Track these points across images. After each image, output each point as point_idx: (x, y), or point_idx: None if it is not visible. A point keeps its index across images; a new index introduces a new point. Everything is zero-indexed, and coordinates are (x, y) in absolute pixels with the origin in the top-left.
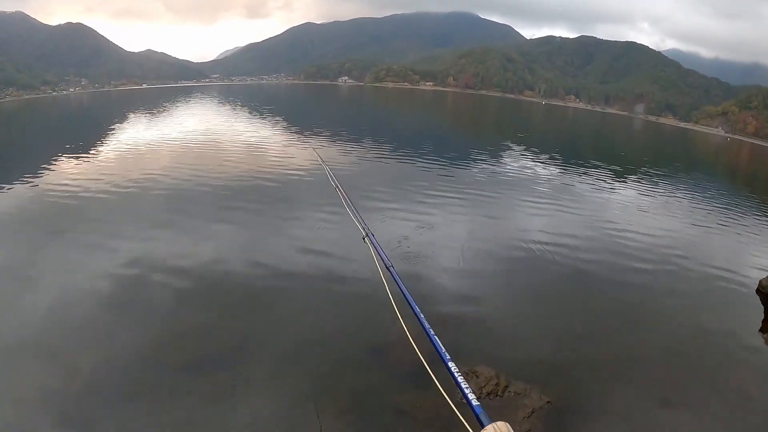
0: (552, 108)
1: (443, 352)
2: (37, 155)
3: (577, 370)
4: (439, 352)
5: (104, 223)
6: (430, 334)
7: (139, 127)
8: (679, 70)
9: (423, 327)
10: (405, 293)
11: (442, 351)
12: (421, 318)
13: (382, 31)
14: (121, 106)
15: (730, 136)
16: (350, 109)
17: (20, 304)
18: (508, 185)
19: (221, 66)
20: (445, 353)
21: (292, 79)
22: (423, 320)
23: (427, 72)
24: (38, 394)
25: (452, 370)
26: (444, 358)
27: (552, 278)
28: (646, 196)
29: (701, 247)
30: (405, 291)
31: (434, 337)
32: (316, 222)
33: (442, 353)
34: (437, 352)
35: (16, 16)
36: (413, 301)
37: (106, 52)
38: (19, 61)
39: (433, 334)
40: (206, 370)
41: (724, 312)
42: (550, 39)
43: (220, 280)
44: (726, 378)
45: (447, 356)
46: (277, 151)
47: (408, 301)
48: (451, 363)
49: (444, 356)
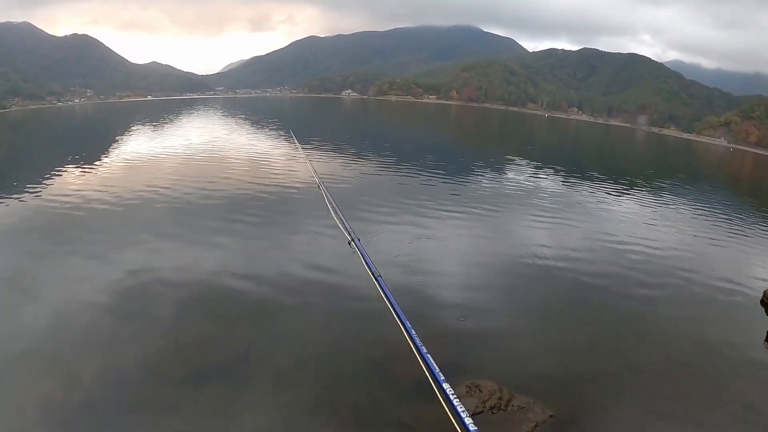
0: (555, 120)
1: (437, 372)
2: (42, 165)
3: (580, 383)
4: (432, 371)
5: (107, 233)
6: (423, 353)
7: (143, 139)
8: (681, 81)
9: (414, 344)
10: (393, 305)
11: (436, 371)
12: (412, 334)
13: (386, 44)
14: (125, 117)
15: (732, 146)
16: (353, 123)
17: (23, 313)
18: (511, 198)
19: (226, 79)
20: (439, 373)
21: (295, 92)
22: (414, 336)
23: (431, 85)
24: (40, 403)
25: (448, 392)
26: (438, 378)
27: (555, 291)
28: (649, 207)
29: (705, 259)
30: (394, 302)
31: (427, 356)
32: (316, 234)
33: (436, 373)
34: (431, 371)
35: (23, 27)
36: (404, 316)
37: (111, 64)
38: (25, 71)
39: (425, 352)
40: (208, 382)
41: (728, 324)
42: (552, 51)
43: (223, 292)
44: (730, 390)
45: (441, 377)
46: (279, 163)
47: (397, 315)
48: (446, 384)
49: (438, 376)
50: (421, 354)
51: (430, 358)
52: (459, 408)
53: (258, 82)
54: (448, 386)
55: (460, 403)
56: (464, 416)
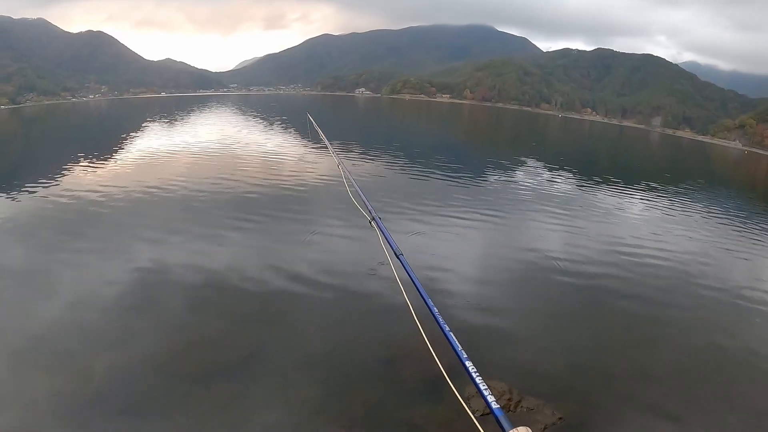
0: (568, 121)
1: (460, 350)
2: (55, 160)
3: (590, 386)
4: (455, 350)
5: (120, 229)
6: (445, 330)
7: (156, 135)
8: (696, 83)
9: (437, 322)
10: (416, 283)
11: (458, 349)
12: (434, 311)
13: (400, 43)
14: (139, 113)
15: (747, 149)
16: (367, 121)
17: (35, 307)
18: (523, 199)
19: (239, 76)
20: (462, 351)
21: (309, 90)
22: (437, 314)
23: (444, 84)
24: (51, 397)
25: (470, 370)
26: (461, 357)
27: (566, 293)
28: (661, 211)
29: (717, 264)
30: (416, 280)
31: (449, 334)
32: (330, 233)
33: (458, 351)
34: (453, 350)
35: (38, 23)
36: (425, 293)
37: (126, 61)
38: (40, 68)
39: (448, 330)
40: (218, 379)
41: (740, 329)
42: (566, 52)
43: (234, 289)
44: (741, 397)
45: (464, 355)
46: (292, 159)
47: (420, 292)
48: (469, 363)
49: (461, 355)
50: (444, 332)
51: (453, 336)
52: (482, 387)
53: (272, 80)
54: (471, 365)
55: (483, 382)
56: (487, 395)
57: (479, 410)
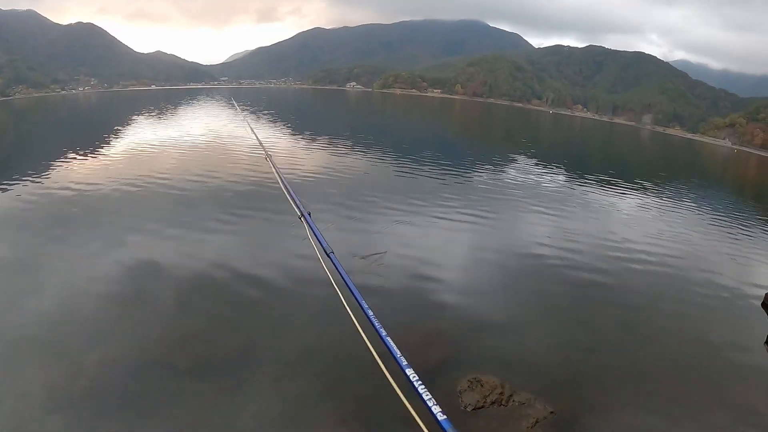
0: (559, 117)
1: (399, 356)
2: (45, 153)
3: (581, 381)
4: (393, 355)
5: (111, 222)
6: (382, 335)
7: (145, 128)
8: (687, 81)
9: (372, 325)
10: (348, 283)
11: (397, 356)
12: (369, 315)
13: (392, 37)
14: (129, 106)
15: (737, 148)
16: (357, 115)
17: (27, 301)
18: (514, 195)
19: (230, 69)
20: (401, 357)
21: (300, 84)
22: (372, 317)
23: (436, 79)
24: (43, 391)
25: (411, 377)
26: (400, 363)
27: (558, 289)
28: (652, 208)
29: (708, 260)
30: (348, 281)
31: (387, 339)
32: (324, 225)
33: (397, 357)
34: (391, 355)
35: (28, 15)
36: (359, 295)
37: (116, 53)
38: (30, 60)
39: (385, 335)
40: (211, 372)
41: (730, 326)
42: (558, 48)
43: (228, 283)
44: (731, 392)
45: (404, 362)
46: (284, 152)
47: (353, 294)
48: (410, 370)
49: (400, 361)
50: (380, 336)
51: (390, 341)
52: (426, 396)
53: (262, 73)
54: (412, 372)
55: (426, 391)
56: (432, 405)
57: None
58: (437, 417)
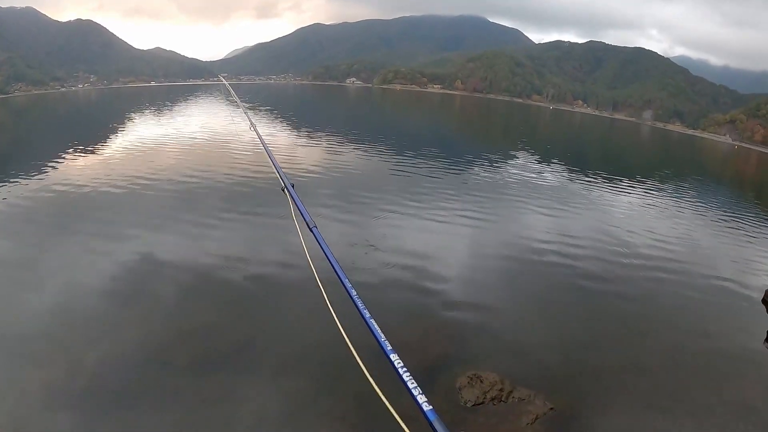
0: (559, 113)
1: (383, 340)
2: (45, 151)
3: (581, 377)
4: (377, 340)
5: (110, 219)
6: (365, 317)
7: (145, 125)
8: (687, 77)
9: (356, 307)
10: (330, 258)
11: (381, 340)
12: (352, 294)
13: (391, 33)
14: (128, 103)
15: (737, 144)
16: (357, 111)
17: (26, 297)
18: (513, 191)
19: (230, 65)
20: (385, 342)
21: (299, 80)
22: (355, 297)
23: (436, 75)
24: (42, 388)
25: (396, 364)
26: (384, 348)
27: (558, 285)
28: (652, 204)
29: (707, 257)
30: (330, 255)
31: (370, 321)
32: (321, 226)
33: (381, 342)
34: (376, 340)
35: (27, 12)
36: (341, 271)
37: (115, 50)
38: (29, 57)
39: (369, 317)
40: (210, 370)
41: (730, 322)
42: (558, 44)
43: (228, 279)
44: (730, 388)
45: (388, 347)
46: (285, 148)
47: (334, 269)
48: (394, 355)
49: (384, 346)
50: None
51: (374, 323)
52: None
53: (262, 69)
54: (396, 357)
55: (412, 378)
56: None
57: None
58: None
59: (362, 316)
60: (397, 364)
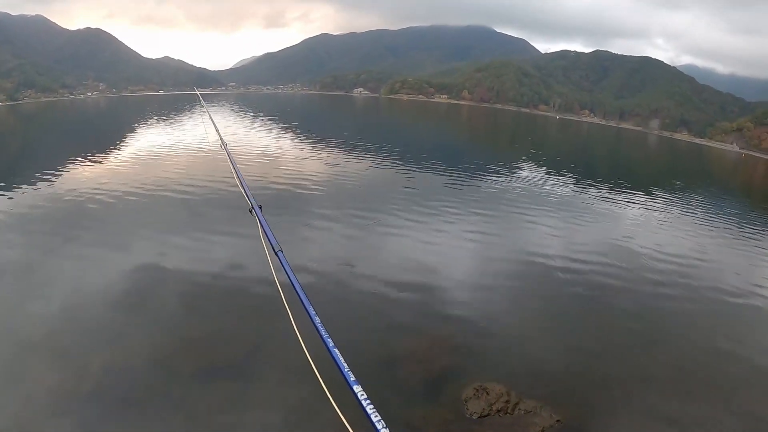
0: (566, 123)
1: (346, 371)
2: (53, 158)
3: (588, 388)
4: (341, 369)
5: (117, 226)
6: (329, 346)
7: (153, 133)
8: (694, 86)
9: (320, 336)
10: (295, 285)
11: (345, 370)
12: (316, 322)
13: (398, 43)
14: (136, 111)
15: (745, 152)
16: (365, 120)
17: (33, 303)
18: (520, 202)
19: (238, 74)
20: (348, 372)
21: (307, 89)
22: (319, 325)
23: (443, 85)
24: (48, 393)
25: (359, 396)
26: (347, 378)
27: (565, 296)
28: (660, 213)
29: (716, 266)
30: (296, 283)
31: (334, 350)
32: (328, 234)
33: (345, 372)
34: (339, 369)
35: (37, 20)
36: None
37: (124, 58)
38: (39, 64)
39: (332, 346)
40: (216, 377)
41: (738, 332)
42: (565, 53)
43: (233, 287)
44: (739, 398)
45: (351, 378)
46: (291, 157)
47: (300, 298)
48: (357, 387)
49: (347, 376)
50: (328, 348)
51: (337, 353)
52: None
53: (270, 79)
54: (360, 389)
55: (375, 411)
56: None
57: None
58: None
59: (326, 345)
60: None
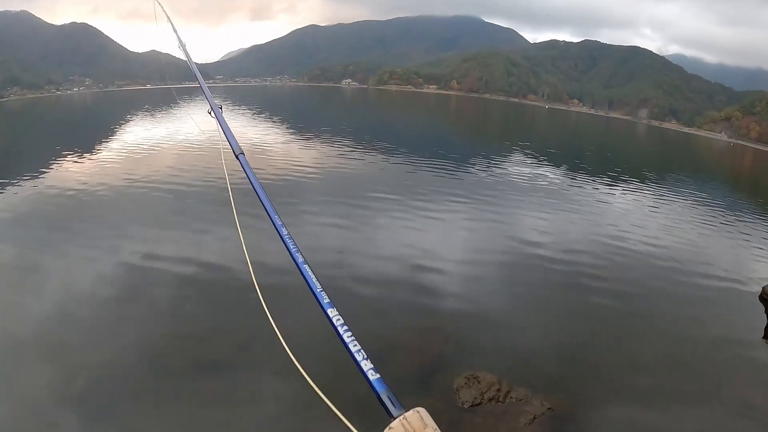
0: (555, 112)
1: (319, 291)
2: (41, 155)
3: (579, 377)
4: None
5: (107, 223)
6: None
7: (140, 128)
8: (682, 75)
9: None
10: (255, 185)
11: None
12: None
13: (387, 34)
14: (123, 106)
15: (733, 141)
16: (354, 112)
17: (24, 302)
18: (510, 190)
19: (225, 67)
20: (321, 293)
21: (295, 81)
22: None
23: (431, 75)
24: (40, 392)
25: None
26: (321, 301)
27: (555, 284)
28: (649, 202)
29: (704, 254)
30: (255, 183)
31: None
32: (318, 226)
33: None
34: (310, 289)
35: (22, 16)
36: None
37: (110, 53)
38: (24, 61)
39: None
40: (208, 373)
41: (728, 319)
42: (554, 43)
43: (225, 281)
44: (729, 386)
45: (325, 299)
46: (279, 151)
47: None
48: (332, 310)
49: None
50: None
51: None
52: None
53: (258, 71)
54: (335, 313)
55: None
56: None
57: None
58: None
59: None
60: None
